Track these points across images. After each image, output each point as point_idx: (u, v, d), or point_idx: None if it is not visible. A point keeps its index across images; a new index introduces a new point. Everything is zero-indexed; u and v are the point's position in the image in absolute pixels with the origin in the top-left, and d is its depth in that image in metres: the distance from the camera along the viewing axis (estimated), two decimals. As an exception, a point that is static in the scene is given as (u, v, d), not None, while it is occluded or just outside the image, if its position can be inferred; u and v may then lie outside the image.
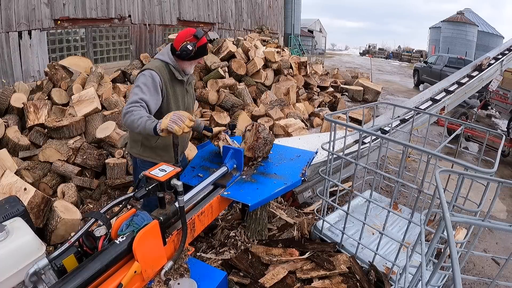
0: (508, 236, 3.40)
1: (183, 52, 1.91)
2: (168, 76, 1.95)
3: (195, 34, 1.92)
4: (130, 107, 1.72)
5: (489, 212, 1.48)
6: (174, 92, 1.99)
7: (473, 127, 2.89)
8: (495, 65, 6.11)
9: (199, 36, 1.92)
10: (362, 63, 21.25)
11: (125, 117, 1.72)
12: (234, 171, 1.93)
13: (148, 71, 1.87)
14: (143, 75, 1.86)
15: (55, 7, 5.73)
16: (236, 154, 1.92)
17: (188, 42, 1.90)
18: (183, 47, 1.90)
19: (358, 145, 2.15)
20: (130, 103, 1.75)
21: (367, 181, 3.12)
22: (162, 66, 1.93)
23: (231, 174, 1.90)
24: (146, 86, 1.83)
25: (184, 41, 1.91)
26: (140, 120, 1.65)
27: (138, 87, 1.83)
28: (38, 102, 4.05)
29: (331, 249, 2.16)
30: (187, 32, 1.94)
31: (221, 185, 1.82)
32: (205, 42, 2.00)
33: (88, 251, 1.26)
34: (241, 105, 5.51)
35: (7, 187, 2.69)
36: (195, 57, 1.98)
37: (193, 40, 1.91)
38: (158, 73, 1.88)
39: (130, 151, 2.12)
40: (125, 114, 1.72)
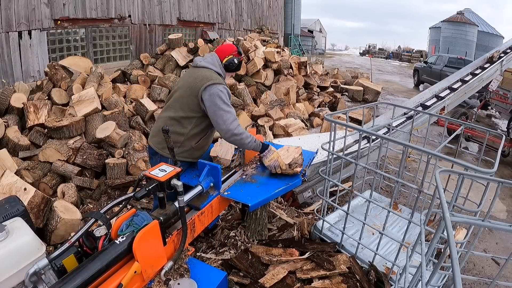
0: (508, 236, 3.40)
1: (230, 64, 2.12)
2: None
3: (239, 51, 2.17)
4: (238, 126, 1.95)
5: (489, 212, 1.48)
6: None
7: (473, 127, 2.89)
8: (495, 65, 6.11)
9: (241, 52, 2.19)
10: (362, 63, 21.24)
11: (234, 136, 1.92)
12: (211, 190, 1.75)
13: (223, 87, 2.00)
14: (222, 92, 1.96)
15: (55, 7, 5.72)
16: (213, 171, 1.73)
17: (235, 56, 2.13)
18: (230, 59, 2.11)
19: (358, 145, 2.15)
20: (233, 121, 1.94)
21: (367, 181, 3.12)
22: (223, 80, 2.08)
23: (208, 193, 1.72)
24: (228, 100, 2.01)
25: (231, 54, 2.12)
26: (250, 143, 1.99)
27: (225, 104, 1.96)
28: (38, 102, 4.05)
29: (331, 249, 2.16)
30: (232, 48, 2.15)
31: (195, 207, 1.64)
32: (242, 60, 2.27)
33: (88, 251, 1.27)
34: (241, 105, 5.51)
35: (7, 187, 2.69)
36: (234, 70, 2.19)
37: (237, 55, 2.15)
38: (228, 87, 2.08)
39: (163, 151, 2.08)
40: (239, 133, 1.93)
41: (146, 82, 5.58)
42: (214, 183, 1.75)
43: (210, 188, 1.74)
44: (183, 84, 2.09)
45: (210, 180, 1.73)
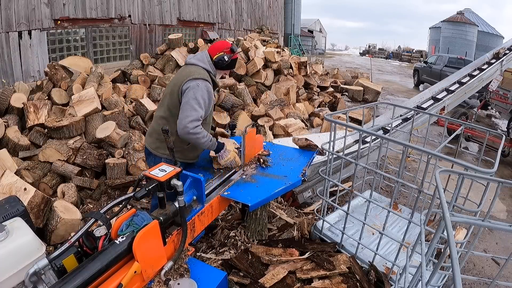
0: (508, 236, 3.40)
1: (220, 61, 2.08)
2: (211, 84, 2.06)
3: (232, 48, 2.11)
4: (196, 126, 1.88)
5: (489, 212, 1.48)
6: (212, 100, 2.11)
7: (473, 127, 2.89)
8: (495, 65, 6.11)
9: (234, 50, 2.13)
10: (362, 63, 21.24)
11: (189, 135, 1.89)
12: (194, 203, 1.63)
13: (204, 83, 1.95)
14: (201, 89, 1.93)
15: (55, 7, 5.72)
16: (196, 183, 1.60)
17: (225, 53, 2.09)
18: (220, 56, 2.07)
19: (358, 145, 2.15)
20: (193, 120, 1.88)
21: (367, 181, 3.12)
22: (207, 76, 2.04)
23: (191, 207, 1.61)
24: (204, 99, 1.94)
25: (222, 51, 2.08)
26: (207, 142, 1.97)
27: (196, 101, 1.91)
28: (38, 102, 4.05)
29: (331, 249, 2.16)
30: (225, 44, 2.12)
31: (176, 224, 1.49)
32: (237, 58, 2.21)
33: (88, 251, 1.26)
34: (241, 105, 5.51)
35: (7, 187, 2.69)
36: (227, 68, 2.16)
37: (229, 52, 2.10)
38: (210, 83, 2.01)
39: (157, 151, 2.11)
40: (191, 133, 1.88)
41: (146, 82, 5.58)
42: (197, 196, 1.63)
43: (193, 202, 1.63)
44: (172, 82, 2.11)
45: (193, 193, 1.60)
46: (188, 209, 1.60)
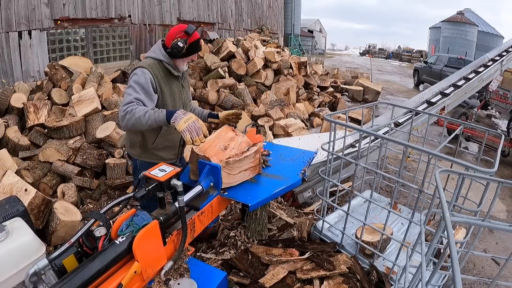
0: (508, 236, 3.40)
1: (174, 49, 1.82)
2: (162, 73, 1.88)
3: (186, 30, 1.82)
4: (127, 107, 1.66)
5: (489, 212, 1.48)
6: (170, 89, 1.94)
7: (472, 127, 2.89)
8: (495, 65, 6.11)
9: (189, 32, 1.82)
10: (362, 63, 21.24)
11: (125, 118, 1.66)
12: (211, 189, 1.68)
13: (139, 69, 1.80)
14: (135, 74, 1.79)
15: (55, 7, 5.72)
16: (213, 171, 1.65)
17: (179, 39, 1.82)
18: (173, 44, 1.82)
19: (358, 145, 2.15)
20: (125, 104, 1.69)
21: (367, 181, 3.12)
22: (154, 64, 1.86)
23: (207, 193, 1.66)
24: (139, 84, 1.76)
25: (175, 38, 1.83)
26: (147, 114, 1.63)
27: (130, 87, 1.76)
28: (38, 102, 4.05)
29: (331, 249, 2.16)
30: (178, 28, 1.86)
31: (194, 207, 1.58)
32: (197, 38, 1.89)
33: (88, 251, 1.26)
34: (241, 105, 5.51)
35: (8, 187, 2.69)
36: (187, 54, 1.88)
37: (183, 36, 1.82)
38: (150, 71, 1.81)
39: (129, 152, 2.10)
40: (124, 116, 1.66)
41: (146, 82, 5.57)
42: (214, 183, 1.67)
43: (210, 188, 1.68)
44: None
45: (210, 180, 1.66)
46: (205, 195, 1.63)
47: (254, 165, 1.80)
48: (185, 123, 1.57)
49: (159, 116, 1.62)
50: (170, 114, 1.62)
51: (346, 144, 2.42)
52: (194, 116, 1.62)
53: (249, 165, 1.77)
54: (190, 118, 1.59)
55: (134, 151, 2.05)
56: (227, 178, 1.68)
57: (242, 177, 1.76)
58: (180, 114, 1.61)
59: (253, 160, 1.77)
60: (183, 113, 1.61)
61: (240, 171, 1.74)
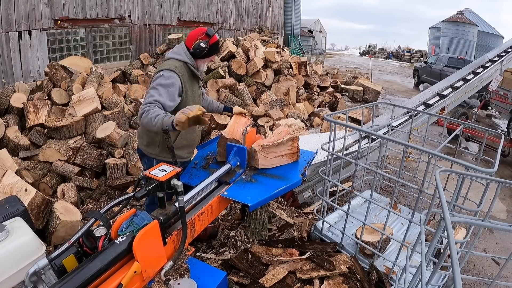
0: (508, 236, 3.40)
1: (197, 50, 1.95)
2: (187, 75, 1.97)
3: (207, 32, 1.96)
4: (145, 107, 1.75)
5: (489, 212, 1.48)
6: (192, 91, 2.03)
7: (472, 127, 2.89)
8: (495, 65, 6.11)
9: (210, 34, 1.97)
10: (362, 63, 21.24)
11: (141, 117, 1.75)
12: (237, 168, 1.93)
13: (167, 72, 1.87)
14: (162, 76, 1.86)
15: (55, 7, 5.73)
16: (240, 152, 1.92)
17: (201, 40, 1.94)
18: (196, 45, 1.94)
19: (358, 145, 2.15)
20: (145, 104, 1.78)
21: (367, 181, 3.12)
22: (181, 66, 1.95)
23: (235, 171, 1.91)
24: (163, 87, 1.83)
25: (197, 39, 1.95)
26: (157, 118, 1.69)
27: (154, 89, 1.82)
28: (38, 102, 4.05)
29: (331, 249, 2.16)
30: (199, 30, 1.98)
31: (225, 182, 1.83)
32: (217, 40, 2.04)
33: (88, 251, 1.26)
34: (241, 105, 5.51)
35: (8, 187, 2.69)
36: (208, 54, 2.02)
37: (205, 38, 1.96)
38: (179, 74, 1.89)
39: (146, 151, 2.09)
40: (141, 114, 1.75)
41: (146, 82, 5.58)
42: (240, 162, 1.92)
43: (237, 167, 1.92)
44: None
45: (237, 160, 1.91)
46: (233, 172, 1.88)
47: (291, 152, 2.00)
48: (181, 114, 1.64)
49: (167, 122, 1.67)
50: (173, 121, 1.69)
51: (346, 144, 2.42)
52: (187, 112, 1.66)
53: (286, 151, 1.97)
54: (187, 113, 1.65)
55: (152, 150, 2.06)
56: (263, 160, 1.93)
57: (279, 161, 1.98)
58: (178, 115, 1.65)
59: (290, 148, 1.98)
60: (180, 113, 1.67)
61: (277, 156, 1.96)
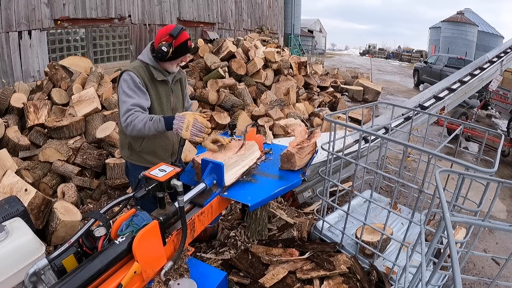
0: (508, 236, 3.40)
1: (158, 54, 1.77)
2: (148, 76, 1.84)
3: (170, 33, 1.75)
4: (126, 118, 1.68)
5: (489, 212, 1.48)
6: (156, 93, 1.89)
7: (472, 127, 2.89)
8: (495, 65, 6.11)
9: (174, 34, 1.75)
10: (362, 63, 21.24)
11: (127, 129, 1.69)
12: (214, 187, 1.72)
13: (126, 74, 1.77)
14: (123, 80, 1.76)
15: (55, 7, 5.73)
16: (216, 169, 1.69)
17: (163, 42, 1.76)
18: (158, 49, 1.76)
19: (358, 145, 2.15)
20: (124, 114, 1.69)
21: (367, 181, 3.12)
22: (140, 67, 1.83)
23: (211, 191, 1.70)
24: (130, 89, 1.74)
25: (160, 41, 1.77)
26: (146, 125, 1.64)
27: (123, 94, 1.74)
28: (38, 102, 4.05)
29: (331, 249, 2.16)
30: (164, 30, 1.79)
31: (198, 204, 1.62)
32: (185, 40, 1.81)
33: (88, 251, 1.26)
34: (241, 105, 5.51)
35: (8, 187, 2.69)
36: (174, 57, 1.82)
37: (168, 39, 1.75)
38: (136, 73, 1.78)
39: (120, 153, 2.09)
40: (126, 127, 1.68)
41: (146, 82, 5.57)
42: (217, 181, 1.72)
43: (213, 186, 1.72)
44: None
45: (213, 178, 1.70)
46: (209, 192, 1.67)
47: (313, 149, 2.08)
48: (187, 130, 1.60)
49: (159, 127, 1.64)
50: (168, 123, 1.63)
51: (346, 144, 2.42)
52: (190, 116, 1.61)
53: (309, 149, 2.02)
54: (188, 123, 1.60)
55: (124, 152, 2.04)
56: (299, 161, 1.94)
57: (306, 159, 2.01)
58: (179, 123, 1.61)
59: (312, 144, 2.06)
60: (180, 121, 1.61)
61: (306, 154, 1.99)
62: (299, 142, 2.01)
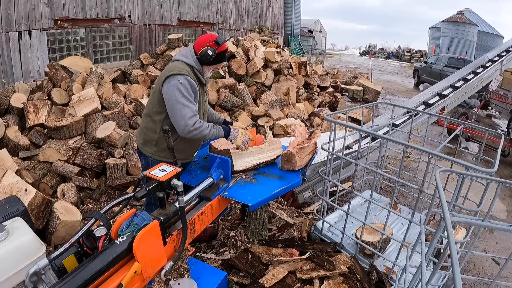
0: (508, 236, 3.40)
1: (203, 56, 1.94)
2: (197, 80, 1.96)
3: (216, 40, 1.95)
4: (194, 122, 1.83)
5: (489, 212, 1.48)
6: (201, 96, 2.03)
7: (472, 127, 2.89)
8: (495, 65, 6.11)
9: (220, 42, 1.96)
10: (362, 63, 21.24)
11: (192, 133, 1.84)
12: (221, 182, 1.81)
13: (183, 78, 1.85)
14: (181, 84, 1.84)
15: (55, 7, 5.72)
16: (223, 164, 1.81)
17: (209, 47, 1.93)
18: (203, 51, 1.93)
19: (358, 145, 2.15)
20: (191, 117, 1.83)
21: (367, 181, 3.12)
22: (190, 71, 1.93)
23: (218, 185, 1.79)
24: (189, 94, 1.86)
25: (205, 45, 1.94)
26: (210, 132, 1.91)
27: (184, 98, 1.83)
28: (38, 102, 4.05)
29: (331, 249, 2.16)
30: (209, 37, 1.97)
31: (206, 198, 1.71)
32: (225, 49, 2.04)
33: (88, 251, 1.27)
34: (241, 105, 5.51)
35: (8, 187, 2.69)
36: (214, 62, 2.01)
37: (214, 45, 1.94)
38: (192, 78, 1.90)
39: (143, 149, 2.09)
40: (192, 131, 1.83)
41: (146, 82, 5.58)
42: (224, 176, 1.82)
43: (220, 180, 1.81)
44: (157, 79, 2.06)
45: (220, 173, 1.80)
46: (216, 187, 1.78)
47: (313, 149, 2.13)
48: (240, 139, 2.00)
49: (219, 134, 1.97)
50: (226, 133, 1.99)
51: (346, 144, 2.42)
52: (243, 130, 2.03)
53: (309, 149, 2.07)
54: (242, 135, 2.01)
55: (149, 148, 2.05)
56: (300, 161, 1.99)
57: (307, 159, 2.07)
58: (234, 133, 2.00)
59: (313, 145, 2.11)
60: (235, 132, 2.01)
61: (306, 154, 2.05)
62: (299, 142, 2.02)
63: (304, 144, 2.01)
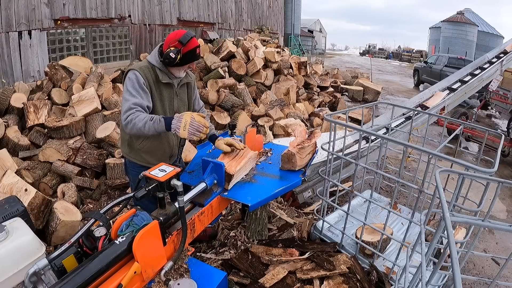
0: (508, 236, 3.40)
1: (166, 59, 1.77)
2: (153, 77, 1.84)
3: (180, 39, 1.75)
4: (127, 116, 1.68)
5: (489, 212, 1.48)
6: (159, 95, 1.89)
7: (472, 127, 2.89)
8: (495, 65, 6.11)
9: (184, 41, 1.75)
10: (362, 63, 21.24)
11: (127, 128, 1.69)
12: (214, 187, 1.74)
13: (131, 73, 1.78)
14: (128, 79, 1.78)
15: (55, 7, 5.72)
16: (217, 168, 1.71)
17: (172, 48, 1.75)
18: (166, 54, 1.76)
19: (358, 145, 2.15)
20: (125, 112, 1.70)
21: (367, 181, 3.12)
22: (146, 67, 1.83)
23: (211, 190, 1.72)
24: (134, 88, 1.75)
25: (169, 46, 1.77)
26: (146, 125, 1.65)
27: (127, 92, 1.75)
28: (38, 102, 4.05)
29: (331, 249, 2.16)
30: (174, 35, 1.78)
31: (199, 204, 1.64)
32: (194, 47, 1.82)
33: (88, 251, 1.26)
34: (241, 105, 5.51)
35: (8, 187, 2.69)
36: (181, 63, 1.83)
37: (177, 46, 1.75)
38: (141, 73, 1.78)
39: (120, 149, 2.10)
40: (126, 125, 1.69)
41: (146, 82, 5.57)
42: (217, 180, 1.73)
43: (214, 185, 1.74)
44: None
45: (213, 178, 1.72)
46: (209, 192, 1.69)
47: (313, 148, 2.10)
48: (184, 130, 1.60)
49: (159, 127, 1.65)
50: (168, 124, 1.64)
51: (346, 144, 2.42)
52: (188, 116, 1.61)
53: (309, 149, 2.04)
54: (186, 123, 1.60)
55: (123, 148, 2.05)
56: (300, 161, 1.95)
57: (307, 159, 2.03)
58: (176, 123, 1.62)
59: (313, 145, 2.07)
60: (178, 121, 1.62)
61: (306, 154, 2.01)
62: (299, 142, 2.02)
63: (304, 144, 2.01)
